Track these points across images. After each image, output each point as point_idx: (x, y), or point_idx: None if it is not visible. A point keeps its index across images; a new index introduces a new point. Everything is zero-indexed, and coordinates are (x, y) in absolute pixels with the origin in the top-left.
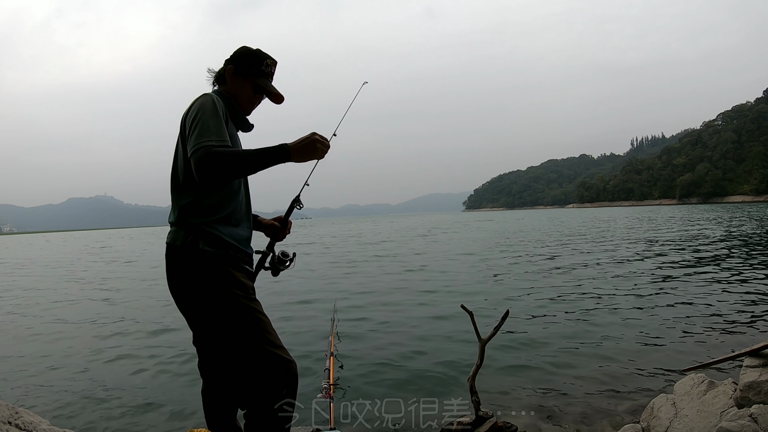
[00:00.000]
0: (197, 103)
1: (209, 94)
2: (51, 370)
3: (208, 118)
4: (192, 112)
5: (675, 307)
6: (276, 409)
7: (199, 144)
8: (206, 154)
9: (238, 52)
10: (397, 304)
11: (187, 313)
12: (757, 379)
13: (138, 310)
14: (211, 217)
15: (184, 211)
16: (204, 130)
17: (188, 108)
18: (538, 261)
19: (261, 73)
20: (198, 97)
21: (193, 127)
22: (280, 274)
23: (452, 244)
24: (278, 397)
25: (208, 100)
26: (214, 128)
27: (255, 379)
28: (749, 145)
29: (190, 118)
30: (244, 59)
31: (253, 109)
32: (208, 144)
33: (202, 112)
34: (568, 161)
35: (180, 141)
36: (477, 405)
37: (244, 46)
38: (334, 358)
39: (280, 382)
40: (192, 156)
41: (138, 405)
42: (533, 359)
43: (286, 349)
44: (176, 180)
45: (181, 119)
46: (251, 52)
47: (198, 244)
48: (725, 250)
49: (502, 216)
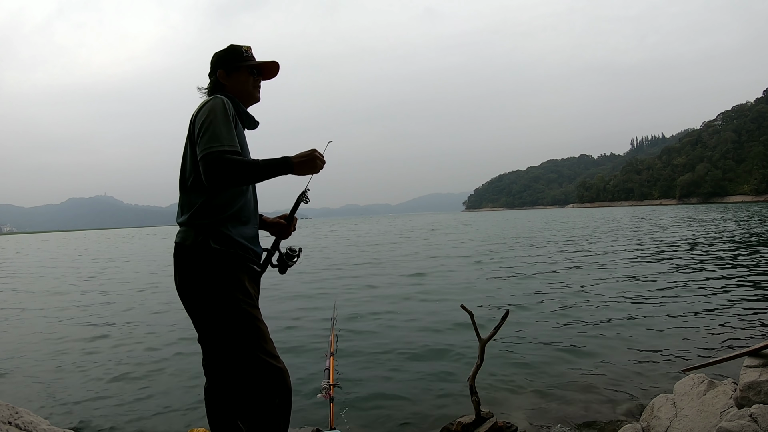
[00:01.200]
0: (208, 105)
1: (220, 97)
2: (51, 370)
3: (219, 123)
4: (202, 115)
5: (675, 307)
6: (270, 419)
7: (210, 148)
8: (216, 160)
9: (216, 57)
10: (398, 304)
11: (192, 312)
12: (757, 379)
13: (138, 310)
14: (220, 216)
15: (194, 211)
16: (215, 134)
17: (198, 109)
18: (538, 261)
19: (246, 59)
20: (208, 100)
21: (203, 130)
22: (287, 271)
23: (453, 244)
24: (271, 406)
25: (219, 103)
26: (225, 133)
27: (249, 386)
28: (749, 145)
29: (200, 120)
30: (226, 59)
31: (258, 92)
32: (219, 149)
33: (213, 116)
34: (568, 161)
35: (189, 142)
36: (477, 405)
37: (215, 52)
38: (333, 358)
39: (273, 391)
40: (202, 159)
41: (138, 405)
42: (533, 359)
43: (281, 359)
44: (185, 181)
45: (190, 120)
46: (227, 50)
47: (209, 243)
48: (726, 250)
49: (503, 216)
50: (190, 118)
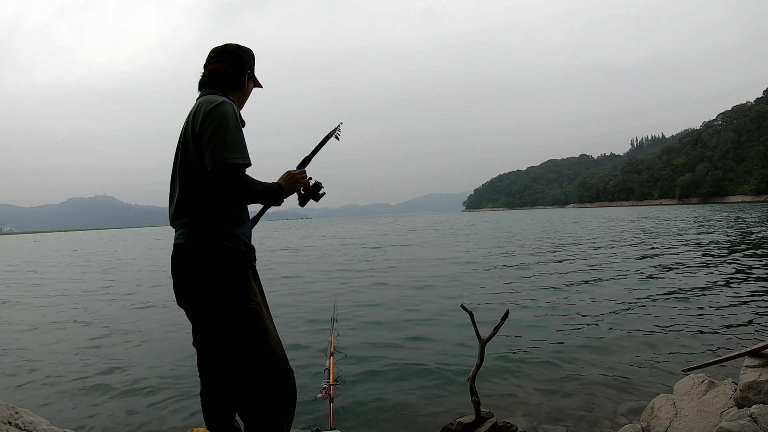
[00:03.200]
0: (220, 112)
1: (229, 103)
2: (51, 370)
3: (233, 132)
4: (213, 120)
5: (675, 307)
6: (276, 420)
7: (226, 161)
8: (236, 176)
9: (249, 57)
10: (398, 304)
11: (193, 314)
12: (757, 379)
13: (138, 310)
14: (226, 216)
15: (200, 213)
16: (230, 145)
17: (203, 112)
18: (538, 261)
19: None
20: (217, 105)
21: (215, 138)
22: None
23: (453, 244)
24: (278, 408)
25: (230, 111)
26: (239, 144)
27: (255, 386)
28: (749, 145)
29: (212, 127)
30: (251, 61)
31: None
32: (235, 163)
33: (226, 125)
34: (568, 161)
35: (191, 143)
36: (477, 405)
37: (240, 46)
38: (333, 357)
39: (280, 392)
40: (218, 169)
41: (138, 405)
42: (533, 359)
43: (287, 359)
44: (184, 181)
45: (191, 116)
46: (251, 53)
47: (220, 242)
48: (727, 250)
49: (505, 216)
50: (189, 114)
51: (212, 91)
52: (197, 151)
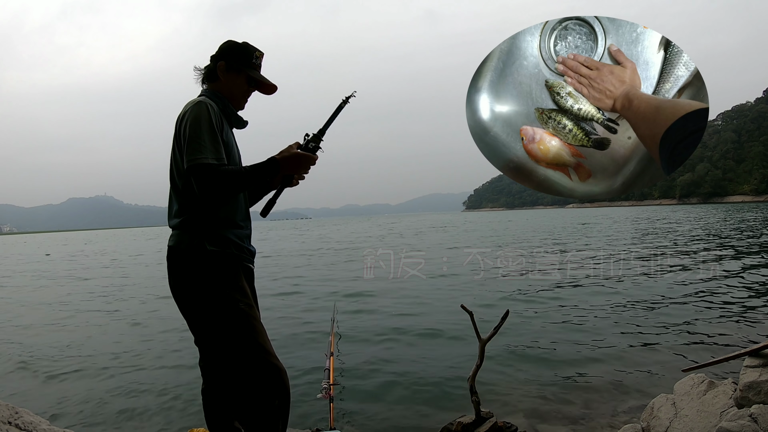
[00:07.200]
0: (192, 113)
1: (204, 103)
2: (51, 370)
3: (204, 132)
4: (186, 122)
5: (675, 307)
6: (269, 420)
7: (197, 160)
8: (204, 173)
9: (226, 47)
10: (397, 303)
11: (189, 315)
12: (757, 379)
13: (138, 310)
14: (214, 218)
15: (188, 215)
16: (200, 145)
17: (182, 113)
18: (537, 261)
19: (252, 65)
20: (192, 105)
21: (188, 140)
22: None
23: (454, 244)
24: (271, 408)
25: (203, 111)
26: (210, 144)
27: (247, 387)
28: (749, 145)
29: (185, 128)
30: (234, 53)
31: (245, 102)
32: (206, 162)
33: (198, 126)
34: None
35: (176, 144)
36: (477, 405)
37: (230, 40)
38: (333, 358)
39: (273, 392)
40: (189, 172)
41: (138, 405)
42: (533, 359)
43: (278, 359)
44: (175, 184)
45: (176, 124)
46: (240, 46)
47: (204, 245)
48: (728, 250)
49: (505, 216)
50: (176, 121)
51: (202, 90)
52: (181, 152)
